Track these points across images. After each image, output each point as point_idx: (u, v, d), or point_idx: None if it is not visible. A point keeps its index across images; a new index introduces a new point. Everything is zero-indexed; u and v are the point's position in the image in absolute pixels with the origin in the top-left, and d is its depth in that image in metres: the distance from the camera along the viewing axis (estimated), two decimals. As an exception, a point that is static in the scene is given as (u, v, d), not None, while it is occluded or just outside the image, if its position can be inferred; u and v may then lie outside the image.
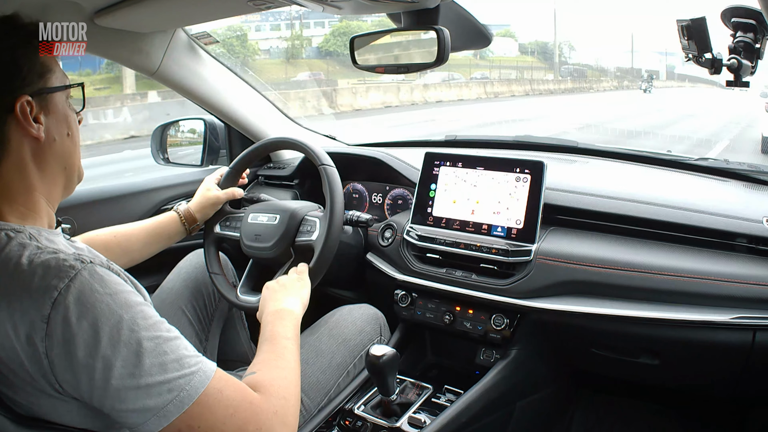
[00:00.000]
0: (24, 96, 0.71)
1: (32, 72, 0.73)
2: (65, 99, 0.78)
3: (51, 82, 0.75)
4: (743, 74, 1.06)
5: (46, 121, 0.74)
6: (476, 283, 1.24)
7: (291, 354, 0.88)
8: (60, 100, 0.77)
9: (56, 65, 0.77)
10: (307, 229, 1.24)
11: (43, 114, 0.74)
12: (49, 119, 0.75)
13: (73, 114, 0.80)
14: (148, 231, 1.22)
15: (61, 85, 0.77)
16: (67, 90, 0.78)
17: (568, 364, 1.37)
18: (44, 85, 0.74)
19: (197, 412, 0.67)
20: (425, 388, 1.22)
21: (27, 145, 0.73)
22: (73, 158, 0.80)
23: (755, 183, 1.41)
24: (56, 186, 0.79)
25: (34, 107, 0.72)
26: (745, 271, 1.06)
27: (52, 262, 0.66)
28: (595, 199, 1.26)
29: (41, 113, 0.74)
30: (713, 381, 1.22)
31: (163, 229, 1.24)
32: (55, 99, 0.76)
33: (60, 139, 0.77)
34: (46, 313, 0.63)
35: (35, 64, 0.73)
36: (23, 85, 0.71)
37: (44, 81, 0.74)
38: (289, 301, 1.01)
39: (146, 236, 1.21)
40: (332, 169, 1.25)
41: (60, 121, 0.77)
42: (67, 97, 0.79)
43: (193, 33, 1.50)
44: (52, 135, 0.75)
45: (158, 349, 0.66)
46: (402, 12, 0.97)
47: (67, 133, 0.78)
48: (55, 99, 0.76)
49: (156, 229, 1.23)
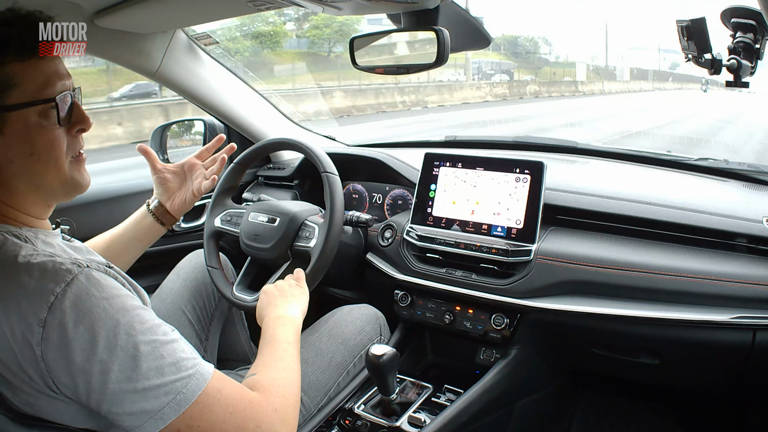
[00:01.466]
0: None
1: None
2: (37, 114, 0.70)
3: (11, 98, 0.68)
4: (743, 74, 1.07)
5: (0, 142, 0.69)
6: (476, 283, 1.25)
7: (291, 357, 0.88)
8: (23, 117, 0.69)
9: (25, 78, 0.69)
10: (305, 235, 1.25)
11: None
12: (5, 139, 0.69)
13: (48, 129, 0.71)
14: (127, 233, 1.14)
15: (27, 100, 0.69)
16: (44, 104, 0.70)
17: (568, 363, 1.37)
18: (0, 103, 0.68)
19: (197, 412, 0.67)
20: (425, 387, 1.22)
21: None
22: (43, 177, 0.73)
23: (755, 183, 1.41)
24: (32, 202, 0.75)
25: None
26: (745, 271, 1.06)
27: (48, 265, 0.66)
28: (595, 199, 1.26)
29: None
30: (713, 381, 1.22)
31: (138, 231, 1.14)
32: (14, 118, 0.69)
33: (20, 159, 0.70)
34: (43, 317, 0.63)
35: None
36: None
37: (1, 99, 0.68)
38: (290, 309, 1.02)
39: (129, 240, 1.13)
40: (335, 177, 1.25)
41: (19, 140, 0.69)
42: (42, 112, 0.70)
43: (193, 34, 1.50)
44: (9, 156, 0.70)
45: (155, 353, 0.66)
46: (402, 12, 0.97)
47: (30, 152, 0.70)
48: (13, 118, 0.69)
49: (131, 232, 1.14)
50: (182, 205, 1.18)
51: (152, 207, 1.16)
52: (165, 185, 1.17)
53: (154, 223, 1.15)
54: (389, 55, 1.06)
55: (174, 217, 1.18)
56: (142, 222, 1.14)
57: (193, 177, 1.19)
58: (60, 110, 0.72)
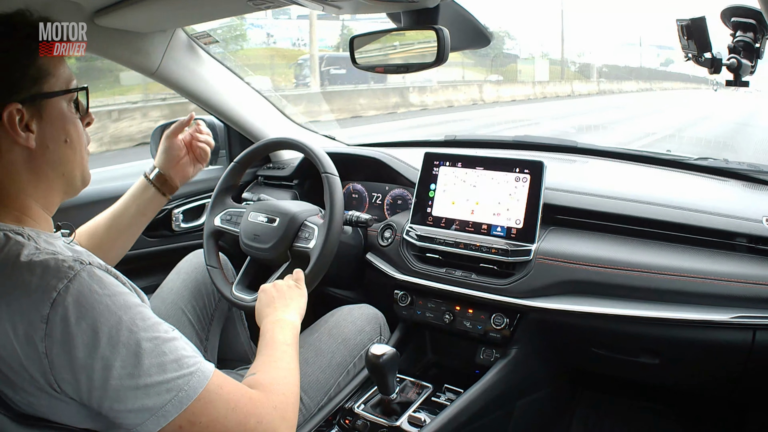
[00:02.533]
0: (13, 104, 0.69)
1: (25, 77, 0.70)
2: (66, 103, 0.75)
3: (48, 86, 0.72)
4: (743, 74, 1.07)
5: (39, 128, 0.72)
6: (476, 283, 1.25)
7: (290, 358, 0.89)
8: (57, 105, 0.74)
9: (57, 68, 0.74)
10: (305, 236, 1.25)
11: (35, 121, 0.71)
12: (43, 126, 0.72)
13: (75, 119, 0.76)
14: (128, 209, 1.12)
15: (60, 89, 0.74)
16: (70, 94, 0.75)
17: (568, 363, 1.37)
18: (39, 91, 0.71)
19: (199, 408, 0.68)
20: (425, 387, 1.22)
21: (18, 153, 0.71)
22: (72, 164, 0.77)
23: (755, 183, 1.41)
24: (53, 192, 0.77)
25: (25, 115, 0.70)
26: (745, 271, 1.06)
27: (51, 263, 0.66)
28: (594, 199, 1.26)
29: (33, 120, 0.71)
30: (713, 380, 1.22)
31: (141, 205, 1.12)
32: (51, 105, 0.73)
33: (55, 146, 0.74)
34: (45, 313, 0.63)
35: (30, 69, 0.71)
36: (12, 92, 0.69)
37: (39, 86, 0.71)
38: (288, 312, 1.02)
39: (132, 215, 1.12)
40: (335, 178, 1.25)
41: (56, 127, 0.74)
42: (70, 100, 0.76)
43: (192, 33, 1.50)
44: (46, 142, 0.73)
45: (157, 350, 0.67)
46: (402, 12, 0.97)
47: (65, 139, 0.75)
48: (50, 105, 0.73)
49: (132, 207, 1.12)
50: (186, 172, 1.17)
51: (152, 177, 1.13)
52: (174, 152, 1.15)
53: (156, 194, 1.13)
54: (389, 53, 1.06)
55: (174, 186, 1.16)
56: (143, 195, 1.12)
57: (200, 147, 1.18)
58: (80, 101, 0.78)
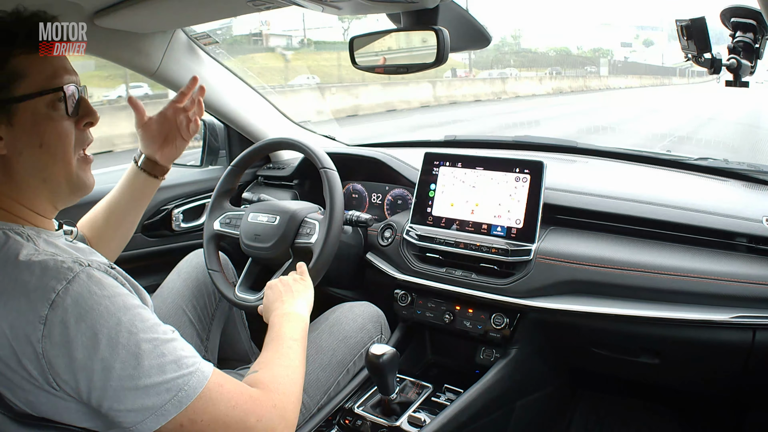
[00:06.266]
0: None
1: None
2: (45, 105, 0.71)
3: (21, 89, 0.69)
4: (742, 74, 1.07)
5: (9, 133, 0.70)
6: (476, 283, 1.25)
7: (296, 354, 0.88)
8: (31, 108, 0.70)
9: (33, 68, 0.70)
10: (306, 232, 1.25)
11: (4, 127, 0.69)
12: (14, 131, 0.70)
13: (56, 121, 0.72)
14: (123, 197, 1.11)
15: (35, 91, 0.70)
16: (52, 94, 0.71)
17: (568, 363, 1.37)
18: (8, 95, 0.69)
19: (200, 407, 0.68)
20: (425, 387, 1.22)
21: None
22: (52, 170, 0.73)
23: (755, 182, 1.41)
24: (39, 198, 0.75)
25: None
26: (745, 271, 1.06)
27: (49, 263, 0.66)
28: (594, 199, 1.26)
29: (2, 126, 0.69)
30: (713, 380, 1.22)
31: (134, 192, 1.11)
32: (23, 108, 0.70)
33: (29, 151, 0.71)
34: (44, 314, 0.63)
35: (1, 73, 0.68)
36: None
37: (10, 90, 0.69)
38: (296, 305, 1.02)
39: (127, 202, 1.11)
40: (333, 172, 1.25)
41: (28, 132, 0.70)
42: (54, 101, 0.72)
43: (192, 33, 1.50)
44: (18, 148, 0.70)
45: (156, 351, 0.67)
46: (401, 12, 0.97)
47: (40, 144, 0.71)
48: (22, 109, 0.70)
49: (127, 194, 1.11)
50: (172, 151, 1.12)
51: (141, 162, 1.11)
52: (151, 136, 1.10)
53: (148, 178, 1.11)
54: (389, 54, 1.06)
55: (165, 167, 1.13)
56: (134, 181, 1.11)
57: (178, 122, 1.13)
58: (68, 101, 0.73)
